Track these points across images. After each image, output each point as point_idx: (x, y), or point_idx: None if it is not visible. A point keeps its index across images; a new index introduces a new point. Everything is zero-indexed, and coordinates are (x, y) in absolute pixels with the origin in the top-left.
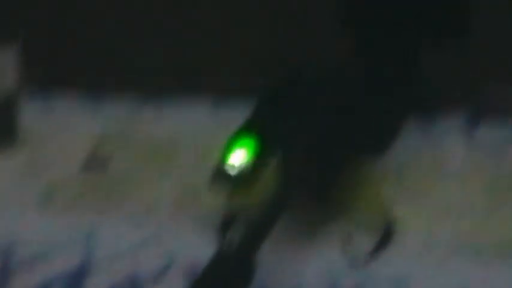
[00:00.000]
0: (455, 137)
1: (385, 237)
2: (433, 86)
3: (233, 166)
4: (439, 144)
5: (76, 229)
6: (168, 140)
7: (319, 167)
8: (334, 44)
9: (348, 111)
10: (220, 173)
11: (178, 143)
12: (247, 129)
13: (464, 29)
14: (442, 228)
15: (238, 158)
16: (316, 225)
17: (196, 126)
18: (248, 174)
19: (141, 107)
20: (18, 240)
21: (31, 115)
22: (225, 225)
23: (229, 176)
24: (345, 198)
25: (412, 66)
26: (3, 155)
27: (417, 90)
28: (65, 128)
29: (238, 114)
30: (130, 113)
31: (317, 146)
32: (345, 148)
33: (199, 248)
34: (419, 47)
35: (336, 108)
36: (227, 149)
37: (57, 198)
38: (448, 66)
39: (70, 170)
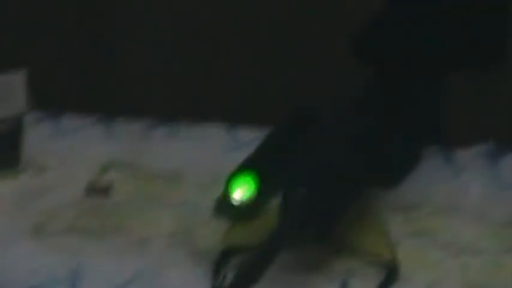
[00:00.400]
0: (475, 171)
1: (389, 279)
2: (456, 115)
3: (233, 202)
4: (457, 178)
5: (64, 263)
6: (174, 170)
7: (322, 203)
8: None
9: (358, 142)
10: (221, 207)
11: (184, 173)
12: (249, 165)
13: (491, 60)
14: (450, 270)
15: (239, 194)
16: (317, 263)
17: (205, 155)
18: (247, 210)
19: (151, 134)
20: (5, 273)
21: (36, 140)
22: (220, 262)
23: (229, 210)
24: (348, 236)
25: (434, 94)
26: (4, 181)
27: (439, 119)
28: (70, 154)
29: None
30: (139, 140)
31: (322, 182)
32: (351, 183)
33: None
34: (443, 75)
35: (345, 141)
36: (228, 184)
37: (50, 229)
38: (473, 94)
39: (69, 198)
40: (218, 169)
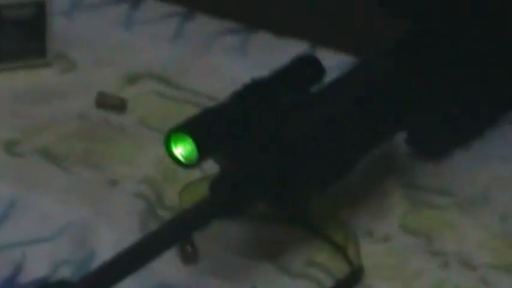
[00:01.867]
0: None
1: (349, 282)
2: None
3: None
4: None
5: (4, 195)
6: (211, 94)
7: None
8: None
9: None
10: None
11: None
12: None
13: None
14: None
15: (179, 150)
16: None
17: None
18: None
19: (219, 40)
20: None
21: (81, 29)
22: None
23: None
24: (316, 220)
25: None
26: (21, 74)
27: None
28: (114, 51)
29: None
30: (201, 45)
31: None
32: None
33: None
34: None
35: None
36: (168, 137)
37: (22, 147)
38: None
39: (75, 110)
40: None
